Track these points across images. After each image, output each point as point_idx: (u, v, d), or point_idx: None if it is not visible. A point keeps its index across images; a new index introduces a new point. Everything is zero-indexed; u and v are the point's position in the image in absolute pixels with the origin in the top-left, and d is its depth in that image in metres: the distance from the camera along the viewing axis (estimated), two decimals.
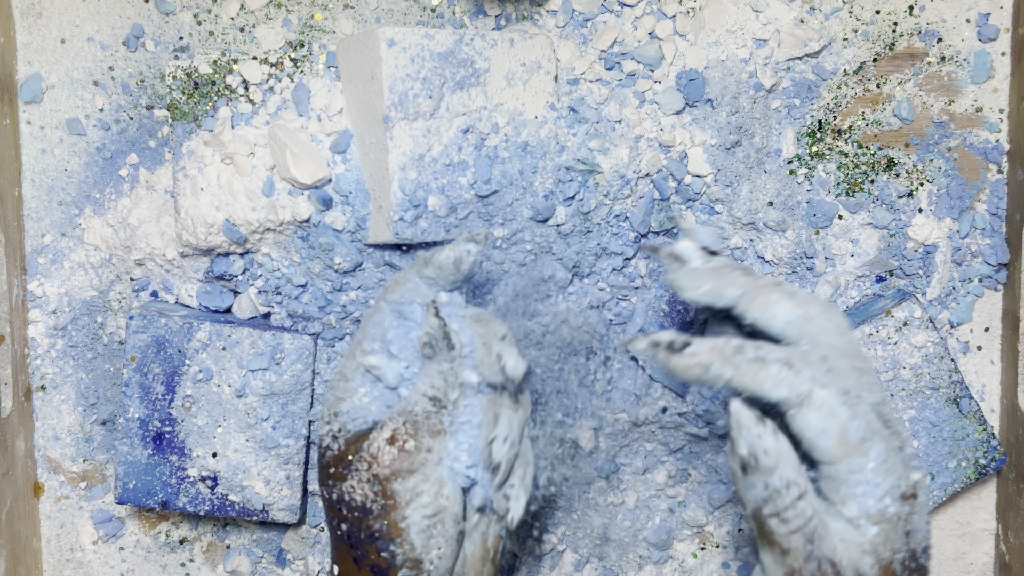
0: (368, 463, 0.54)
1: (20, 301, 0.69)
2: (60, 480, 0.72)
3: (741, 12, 0.68)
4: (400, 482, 0.54)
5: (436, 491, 0.54)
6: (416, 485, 0.54)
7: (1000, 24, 0.71)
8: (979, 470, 0.69)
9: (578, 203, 0.65)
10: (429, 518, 0.55)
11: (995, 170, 0.71)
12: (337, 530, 0.56)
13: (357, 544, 0.55)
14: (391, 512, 0.54)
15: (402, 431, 0.54)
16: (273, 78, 0.65)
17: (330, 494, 0.56)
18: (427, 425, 0.54)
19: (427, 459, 0.54)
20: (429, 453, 0.54)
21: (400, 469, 0.54)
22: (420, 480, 0.54)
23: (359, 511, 0.55)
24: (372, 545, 0.54)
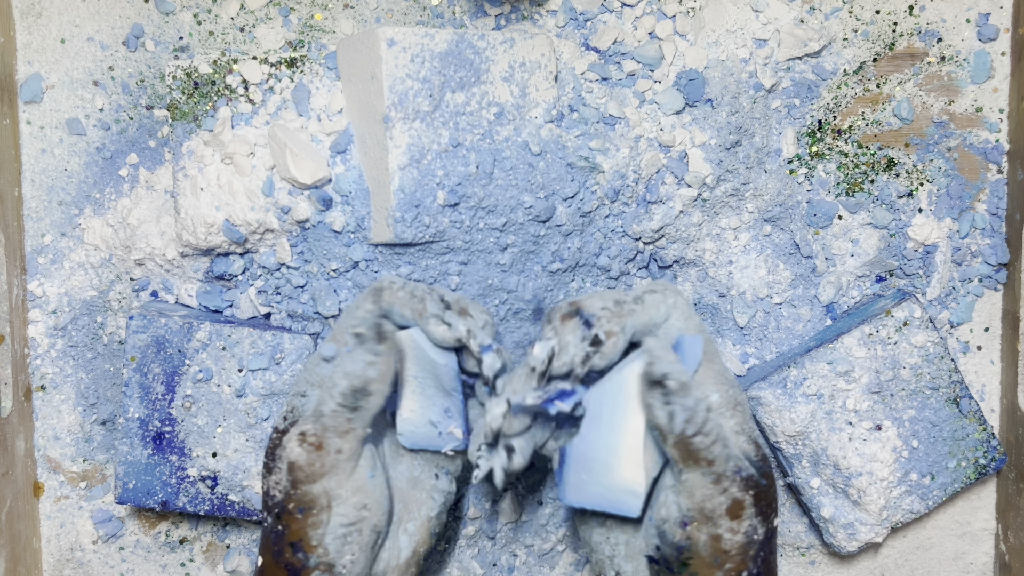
0: (284, 462, 0.55)
1: (20, 301, 0.69)
2: (60, 480, 0.72)
3: (741, 12, 0.68)
4: (314, 485, 0.54)
5: (357, 500, 0.55)
6: (332, 489, 0.54)
7: (1000, 24, 0.71)
8: (979, 470, 0.69)
9: (578, 203, 0.65)
10: (346, 527, 0.55)
11: (995, 170, 0.71)
12: (264, 522, 0.57)
13: (276, 540, 0.56)
14: (307, 517, 0.55)
15: (310, 431, 0.55)
16: (273, 78, 0.65)
17: (264, 482, 0.57)
18: (334, 425, 0.54)
19: (338, 460, 0.54)
20: (339, 454, 0.54)
21: (311, 472, 0.54)
22: (335, 484, 0.55)
23: (279, 509, 0.55)
24: (287, 545, 0.55)
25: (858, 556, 0.75)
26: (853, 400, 0.68)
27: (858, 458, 0.68)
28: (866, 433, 0.68)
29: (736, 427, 0.54)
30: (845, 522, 0.69)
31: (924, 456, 0.69)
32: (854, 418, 0.68)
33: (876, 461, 0.68)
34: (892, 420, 0.68)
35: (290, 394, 0.58)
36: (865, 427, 0.68)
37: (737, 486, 0.52)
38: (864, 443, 0.68)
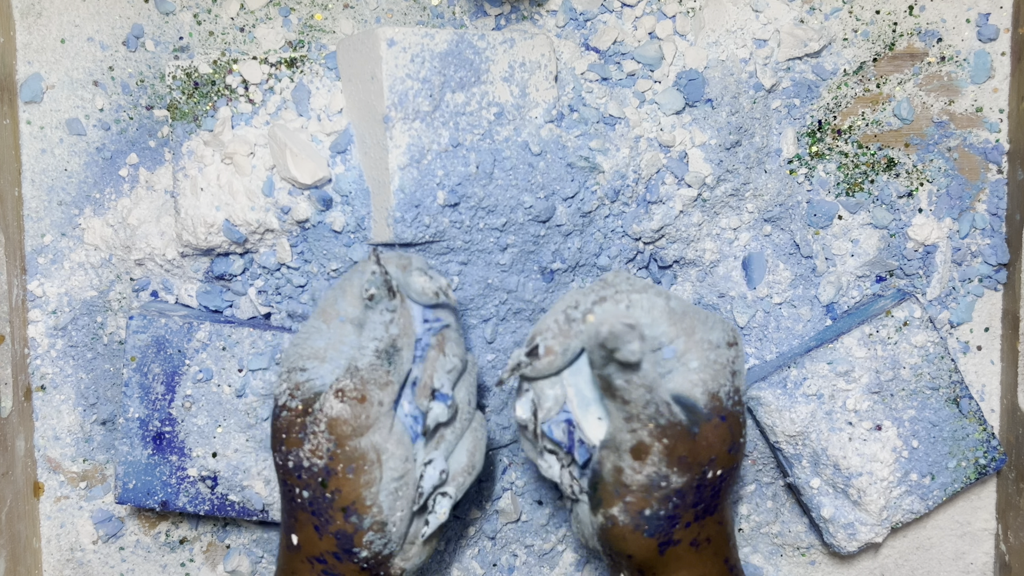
0: (323, 423, 0.54)
1: (20, 301, 0.69)
2: (60, 480, 0.72)
3: (741, 12, 0.68)
4: (360, 440, 0.54)
5: (401, 453, 0.55)
6: (378, 443, 0.54)
7: (1000, 24, 0.71)
8: (979, 470, 0.69)
9: (578, 203, 0.65)
10: (397, 480, 0.54)
11: (995, 170, 0.71)
12: (296, 498, 0.55)
13: (320, 511, 0.55)
14: (359, 475, 0.54)
15: (350, 386, 0.54)
16: (273, 78, 0.65)
17: (285, 461, 0.55)
18: (373, 378, 0.54)
19: (380, 413, 0.54)
20: (382, 407, 0.54)
21: (358, 425, 0.54)
22: (380, 438, 0.54)
23: (323, 476, 0.54)
24: (338, 511, 0.54)
25: (858, 556, 0.75)
26: (853, 400, 0.68)
27: (858, 458, 0.68)
28: (866, 433, 0.68)
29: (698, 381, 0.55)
30: (845, 522, 0.69)
31: (924, 456, 0.69)
32: (854, 418, 0.68)
33: (876, 461, 0.68)
34: (892, 420, 0.68)
35: (283, 373, 0.57)
36: (865, 427, 0.68)
37: (648, 431, 0.53)
38: (864, 443, 0.68)
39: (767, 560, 0.75)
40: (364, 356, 0.55)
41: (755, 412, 0.69)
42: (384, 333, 0.55)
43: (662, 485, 0.53)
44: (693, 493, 0.54)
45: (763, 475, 0.73)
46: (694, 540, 0.55)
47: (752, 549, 0.75)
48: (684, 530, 0.54)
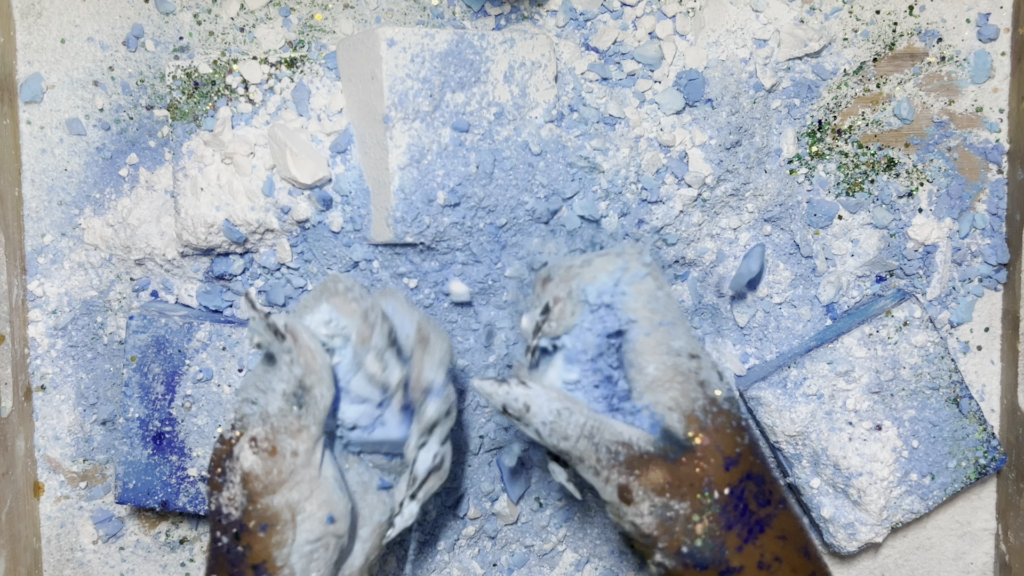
0: (238, 474, 0.51)
1: (20, 301, 0.69)
2: (60, 480, 0.72)
3: (741, 12, 0.68)
4: (273, 498, 0.51)
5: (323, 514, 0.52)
6: (294, 501, 0.51)
7: (1000, 24, 0.71)
8: (979, 470, 0.69)
9: (579, 203, 0.65)
10: (312, 543, 0.52)
11: (995, 170, 0.71)
12: (217, 540, 0.53)
13: (234, 562, 0.52)
14: (271, 536, 0.51)
15: (261, 435, 0.51)
16: (273, 78, 0.65)
17: (209, 499, 0.53)
18: (283, 425, 0.51)
19: (296, 465, 0.51)
20: (296, 457, 0.51)
21: (269, 482, 0.51)
22: (298, 495, 0.51)
23: (237, 528, 0.51)
24: (248, 568, 0.51)
25: (858, 556, 0.75)
26: (853, 400, 0.68)
27: (858, 458, 0.68)
28: (866, 433, 0.68)
29: (670, 402, 0.52)
30: (845, 522, 0.69)
31: (924, 456, 0.69)
32: (854, 418, 0.68)
33: (876, 461, 0.68)
34: (892, 420, 0.68)
35: (236, 402, 0.54)
36: (865, 427, 0.68)
37: (616, 472, 0.51)
38: (864, 443, 0.68)
39: None
40: (272, 401, 0.52)
41: (755, 412, 0.69)
42: (288, 374, 0.51)
43: (671, 516, 0.51)
44: (716, 517, 0.51)
45: None
46: (760, 563, 0.52)
47: None
48: (739, 555, 0.51)
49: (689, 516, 0.51)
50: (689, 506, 0.51)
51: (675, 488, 0.51)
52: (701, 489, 0.51)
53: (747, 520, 0.52)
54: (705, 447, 0.51)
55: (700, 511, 0.51)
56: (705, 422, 0.52)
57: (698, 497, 0.51)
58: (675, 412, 0.52)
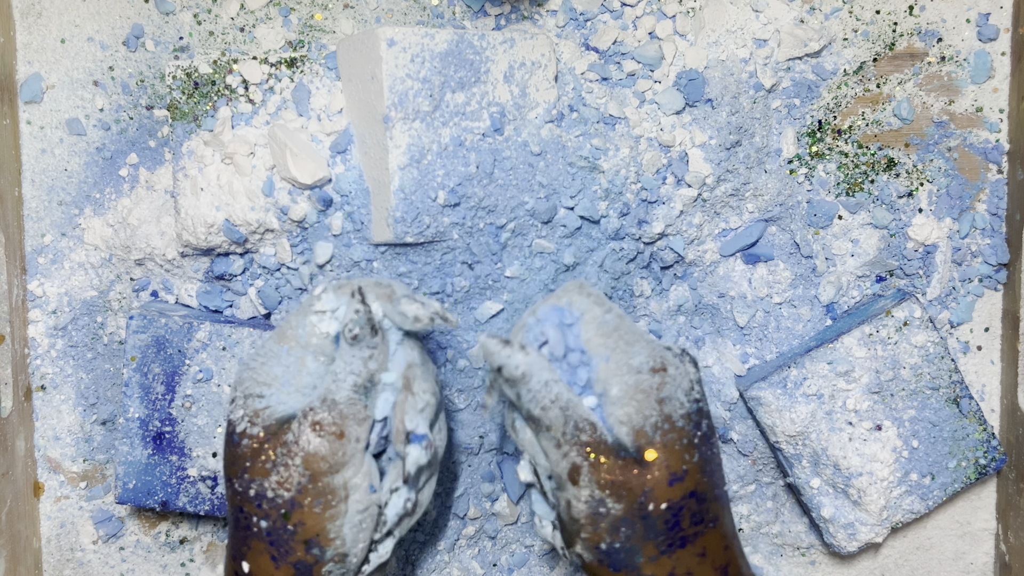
0: (298, 456, 0.53)
1: (20, 301, 0.69)
2: (60, 480, 0.72)
3: (741, 12, 0.68)
4: (334, 477, 0.53)
5: (367, 485, 0.54)
6: (349, 479, 0.53)
7: (1000, 24, 0.71)
8: (979, 470, 0.69)
9: (579, 203, 0.65)
10: (361, 513, 0.54)
11: (995, 170, 0.71)
12: (252, 526, 0.54)
13: (279, 542, 0.53)
14: (327, 510, 0.53)
15: (328, 419, 0.53)
16: (273, 78, 0.65)
17: (245, 488, 0.54)
18: (352, 413, 0.53)
19: (356, 449, 0.53)
20: (358, 443, 0.53)
21: (335, 462, 0.53)
22: (352, 473, 0.53)
23: (286, 507, 0.53)
24: (300, 543, 0.53)
25: (858, 556, 0.75)
26: (853, 400, 0.68)
27: (858, 458, 0.68)
28: (866, 433, 0.68)
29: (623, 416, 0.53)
30: (845, 522, 0.69)
31: (924, 456, 0.69)
32: (854, 418, 0.68)
33: (876, 461, 0.68)
34: (892, 420, 0.68)
35: (239, 398, 0.55)
36: (865, 427, 0.68)
37: (575, 450, 0.52)
38: (864, 443, 0.68)
39: (767, 560, 0.75)
40: (341, 389, 0.53)
41: (755, 412, 0.69)
42: (363, 368, 0.54)
43: (602, 512, 0.52)
44: (641, 525, 0.52)
45: (763, 475, 0.73)
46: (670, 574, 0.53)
47: (752, 549, 0.75)
48: (652, 564, 0.53)
49: (619, 518, 0.52)
50: (621, 509, 0.52)
51: (616, 488, 0.52)
52: (638, 498, 0.52)
53: (673, 535, 0.53)
54: (652, 461, 0.52)
55: (630, 517, 0.52)
56: (653, 438, 0.53)
57: (634, 505, 0.52)
58: (624, 426, 0.53)
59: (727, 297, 0.71)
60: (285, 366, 0.56)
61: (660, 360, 0.54)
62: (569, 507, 0.53)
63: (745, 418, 0.71)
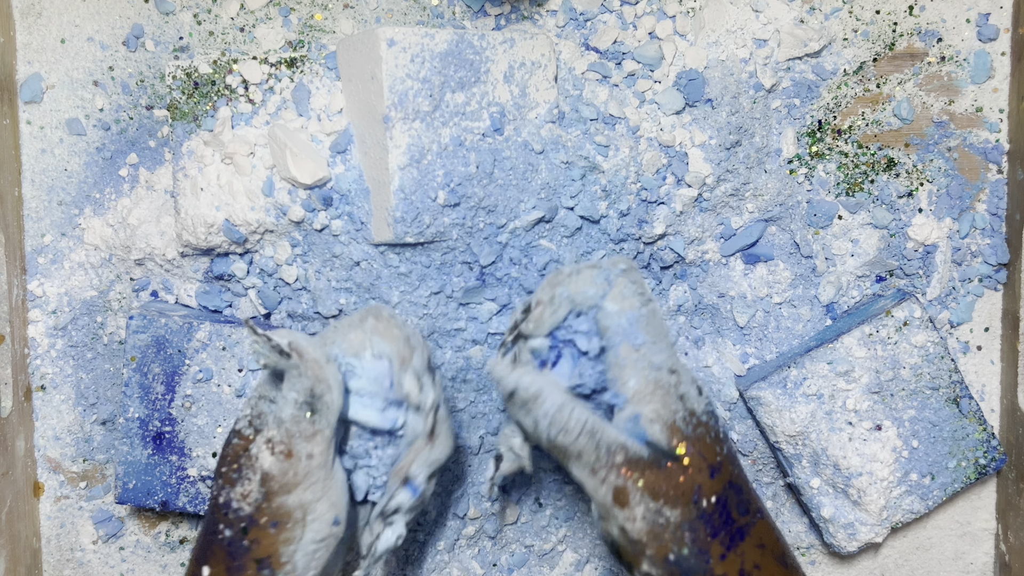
0: (257, 473, 0.52)
1: (20, 301, 0.69)
2: (60, 480, 0.72)
3: (741, 12, 0.68)
4: (288, 497, 0.52)
5: (331, 516, 0.53)
6: (307, 502, 0.53)
7: (1000, 24, 0.71)
8: (979, 470, 0.69)
9: (579, 203, 0.65)
10: (316, 543, 0.53)
11: (995, 170, 0.71)
12: (218, 532, 0.54)
13: (235, 554, 0.53)
14: (281, 532, 0.53)
15: (276, 438, 0.53)
16: (273, 78, 0.65)
17: (219, 492, 0.54)
18: (298, 431, 0.52)
19: (311, 467, 0.53)
20: (311, 460, 0.53)
21: (285, 483, 0.52)
22: (311, 496, 0.53)
23: (246, 523, 0.53)
24: (252, 561, 0.53)
25: (858, 556, 0.75)
26: (853, 400, 0.68)
27: (858, 458, 0.68)
28: (866, 433, 0.68)
29: (651, 414, 0.53)
30: (845, 522, 0.69)
31: (924, 456, 0.69)
32: (854, 418, 0.68)
33: (876, 461, 0.68)
34: (892, 420, 0.68)
35: (253, 399, 0.55)
36: (865, 427, 0.68)
37: (614, 472, 0.52)
38: (864, 443, 0.68)
39: None
40: (285, 408, 0.53)
41: (755, 412, 0.69)
42: (299, 385, 0.53)
43: (662, 523, 0.52)
44: (703, 525, 0.52)
45: (763, 475, 0.73)
46: (741, 571, 0.53)
47: None
48: (722, 563, 0.52)
49: (679, 523, 0.52)
50: (680, 514, 0.52)
51: (668, 494, 0.52)
52: (692, 497, 0.52)
53: (729, 528, 0.53)
54: (690, 455, 0.53)
55: (690, 519, 0.52)
56: (687, 432, 0.53)
57: (690, 505, 0.52)
58: (656, 423, 0.53)
59: (727, 297, 0.71)
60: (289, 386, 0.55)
61: (675, 362, 0.55)
62: (624, 532, 0.53)
63: (745, 418, 0.71)
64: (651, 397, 0.53)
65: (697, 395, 0.54)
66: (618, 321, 0.54)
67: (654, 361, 0.54)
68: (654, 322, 0.55)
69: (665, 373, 0.54)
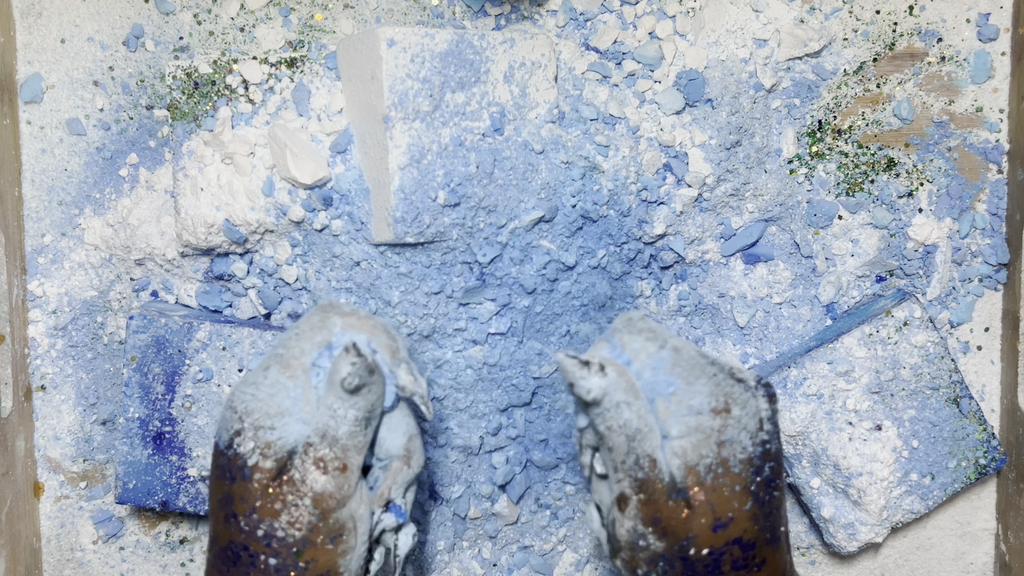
0: (307, 497, 0.51)
1: (20, 301, 0.69)
2: (60, 480, 0.72)
3: (741, 12, 0.68)
4: (343, 510, 0.52)
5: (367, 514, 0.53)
6: (355, 510, 0.53)
7: (1000, 24, 0.71)
8: (979, 470, 0.69)
9: (579, 203, 0.65)
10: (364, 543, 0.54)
11: (995, 170, 0.72)
12: (258, 564, 0.52)
13: None
14: (338, 545, 0.52)
15: (330, 455, 0.52)
16: (273, 78, 0.65)
17: (254, 527, 0.52)
18: (353, 444, 0.52)
19: (358, 478, 0.53)
20: (358, 470, 0.53)
21: (341, 497, 0.52)
22: (356, 504, 0.53)
23: (298, 545, 0.52)
24: None
25: (858, 556, 0.75)
26: (853, 400, 0.68)
27: (858, 458, 0.68)
28: (866, 433, 0.68)
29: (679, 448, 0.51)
30: (845, 522, 0.69)
31: (924, 456, 0.69)
32: (854, 418, 0.68)
33: (876, 461, 0.68)
34: (892, 420, 0.68)
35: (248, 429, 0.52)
36: (865, 427, 0.68)
37: (628, 482, 0.51)
38: (864, 443, 0.68)
39: None
40: (343, 424, 0.52)
41: None
42: (364, 403, 0.52)
43: (641, 545, 0.52)
44: (680, 565, 0.51)
45: None
46: None
47: None
48: None
49: (658, 553, 0.52)
50: (662, 547, 0.52)
51: (659, 528, 0.51)
52: (682, 540, 0.51)
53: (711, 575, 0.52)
54: (698, 502, 0.51)
55: (670, 555, 0.51)
56: (704, 479, 0.51)
57: (676, 546, 0.51)
58: (678, 459, 0.51)
59: (727, 297, 0.71)
60: (293, 398, 0.54)
61: (724, 399, 0.52)
62: (614, 526, 0.53)
63: None
64: (687, 439, 0.51)
65: (746, 440, 0.51)
66: (645, 377, 0.53)
67: (693, 405, 0.52)
68: (681, 360, 0.53)
69: (707, 416, 0.51)
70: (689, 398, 0.52)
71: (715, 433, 0.51)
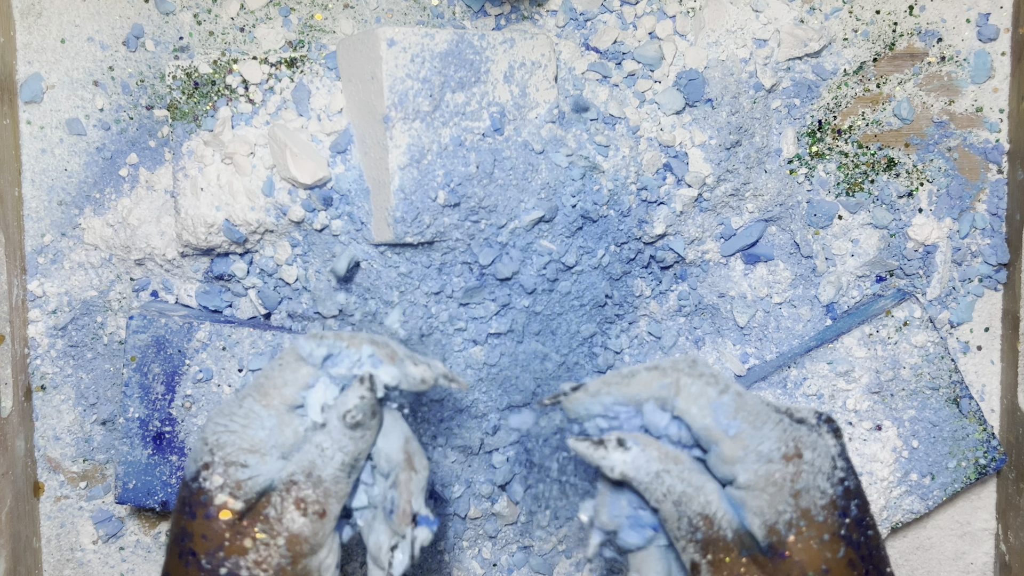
0: (282, 537, 0.49)
1: (20, 301, 0.69)
2: (60, 480, 0.72)
3: (741, 12, 0.68)
4: (312, 559, 0.50)
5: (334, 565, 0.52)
6: (323, 559, 0.51)
7: (1000, 24, 0.71)
8: (979, 470, 0.69)
9: (579, 202, 0.65)
10: None
11: (995, 170, 0.72)
12: None
13: None
14: None
15: (312, 497, 0.50)
16: (273, 78, 0.65)
17: (216, 566, 0.49)
18: (336, 491, 0.50)
19: (331, 527, 0.51)
20: (334, 520, 0.51)
21: (315, 543, 0.50)
22: (326, 553, 0.51)
23: None
24: None
25: None
26: (853, 400, 0.68)
27: (858, 458, 0.68)
28: (866, 433, 0.68)
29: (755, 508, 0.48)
30: None
31: (924, 456, 0.69)
32: (854, 418, 0.68)
33: (876, 461, 0.68)
34: (892, 420, 0.68)
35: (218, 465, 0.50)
36: (865, 427, 0.68)
37: (692, 548, 0.49)
38: (864, 443, 0.68)
39: None
40: (328, 466, 0.50)
41: None
42: (354, 447, 0.51)
43: None
44: None
45: None
46: None
47: None
48: None
49: None
50: None
51: None
52: None
53: None
54: (781, 563, 0.48)
55: None
56: (787, 537, 0.48)
57: None
58: (757, 519, 0.48)
59: (727, 297, 0.71)
60: (269, 429, 0.51)
61: (793, 444, 0.48)
62: None
63: None
64: (760, 493, 0.48)
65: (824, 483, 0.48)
66: (703, 421, 0.49)
67: (762, 451, 0.48)
68: (745, 405, 0.49)
69: (779, 464, 0.48)
70: (757, 443, 0.48)
71: (788, 483, 0.48)
